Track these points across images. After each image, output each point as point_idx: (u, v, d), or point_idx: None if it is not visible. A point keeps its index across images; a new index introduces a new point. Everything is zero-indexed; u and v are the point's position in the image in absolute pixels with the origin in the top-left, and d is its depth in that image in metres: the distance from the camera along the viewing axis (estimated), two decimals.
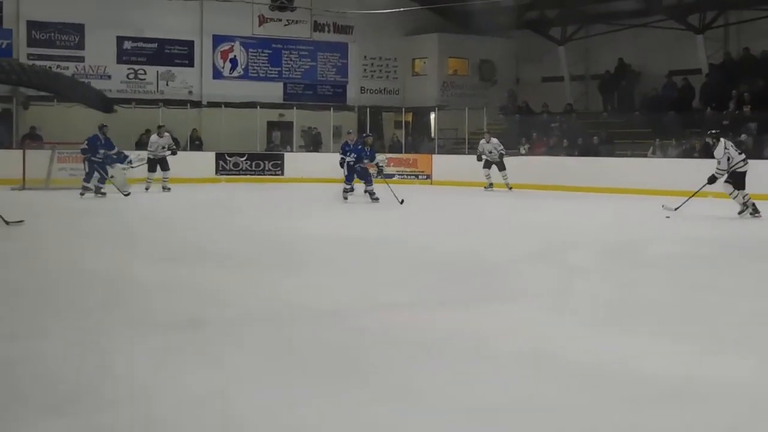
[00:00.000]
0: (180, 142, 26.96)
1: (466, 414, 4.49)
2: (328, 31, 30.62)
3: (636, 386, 4.97)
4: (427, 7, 30.21)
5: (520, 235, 13.09)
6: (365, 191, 18.99)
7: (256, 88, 29.27)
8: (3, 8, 26.08)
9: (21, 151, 22.51)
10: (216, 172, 26.43)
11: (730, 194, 15.68)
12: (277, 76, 29.98)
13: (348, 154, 19.43)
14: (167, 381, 4.99)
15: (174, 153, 21.91)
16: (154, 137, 21.72)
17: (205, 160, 26.39)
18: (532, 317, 6.86)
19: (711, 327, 6.65)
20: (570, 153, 25.04)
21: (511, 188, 22.75)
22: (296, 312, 6.99)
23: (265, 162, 27.19)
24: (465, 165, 24.49)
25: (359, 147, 19.41)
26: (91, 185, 19.32)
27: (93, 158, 19.29)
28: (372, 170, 19.35)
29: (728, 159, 15.46)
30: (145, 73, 28.05)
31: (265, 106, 28.67)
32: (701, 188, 15.89)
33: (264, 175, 26.77)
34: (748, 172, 15.46)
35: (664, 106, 25.12)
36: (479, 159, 23.17)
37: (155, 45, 28.12)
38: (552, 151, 25.49)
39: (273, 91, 29.71)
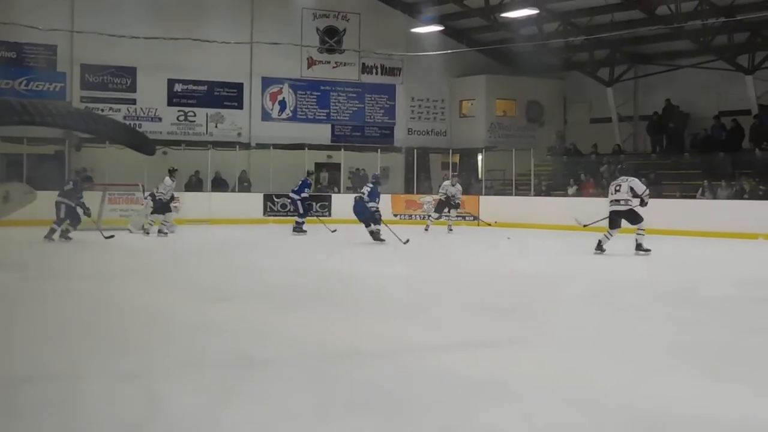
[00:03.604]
0: (228, 183, 27.31)
1: None
2: (376, 73, 30.86)
3: (688, 429, 4.91)
4: (474, 48, 30.33)
5: (569, 276, 13.01)
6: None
7: (305, 130, 29.54)
8: (57, 52, 26.62)
9: None
10: (264, 213, 26.60)
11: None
12: (325, 117, 30.24)
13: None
14: (215, 420, 5.00)
15: (171, 198, 21.19)
16: (168, 180, 20.86)
17: (254, 201, 26.59)
18: (579, 360, 6.79)
19: (764, 369, 6.54)
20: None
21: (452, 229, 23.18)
22: (342, 352, 6.98)
23: (312, 203, 27.31)
24: (513, 206, 24.47)
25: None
26: (61, 227, 18.55)
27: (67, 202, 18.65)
28: None
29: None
30: (195, 116, 28.44)
31: (313, 147, 28.86)
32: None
33: (311, 216, 26.85)
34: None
35: (713, 147, 24.93)
36: (443, 200, 23.53)
37: (205, 87, 28.53)
38: (601, 193, 25.35)
39: (321, 133, 29.97)
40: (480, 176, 30.15)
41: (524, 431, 4.89)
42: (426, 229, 23.05)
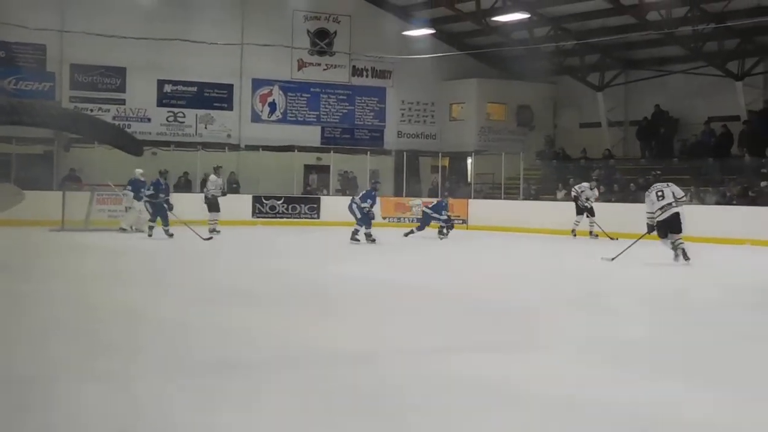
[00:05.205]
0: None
1: None
2: (367, 76, 30.84)
3: None
4: (466, 52, 30.34)
5: (557, 280, 13.01)
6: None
7: (294, 132, 29.50)
8: (46, 51, 26.52)
9: (61, 192, 22.77)
10: (252, 215, 26.56)
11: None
12: (315, 119, 30.19)
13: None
14: (199, 424, 4.97)
15: (224, 194, 22.07)
16: (213, 177, 21.94)
17: (242, 203, 26.53)
18: (567, 364, 6.76)
19: (752, 374, 6.53)
20: (607, 199, 24.90)
21: (597, 236, 22.24)
22: (329, 355, 6.95)
23: (301, 205, 27.31)
24: (501, 210, 24.49)
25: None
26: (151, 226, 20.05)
27: (154, 201, 19.86)
28: None
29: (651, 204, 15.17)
30: (185, 116, 28.38)
31: (302, 149, 28.86)
32: (642, 237, 15.70)
33: (300, 218, 26.87)
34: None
35: (702, 153, 24.98)
36: (583, 203, 22.58)
37: (195, 88, 28.47)
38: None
39: (311, 135, 29.92)
40: (469, 180, 30.17)
41: None
42: (595, 236, 22.28)
